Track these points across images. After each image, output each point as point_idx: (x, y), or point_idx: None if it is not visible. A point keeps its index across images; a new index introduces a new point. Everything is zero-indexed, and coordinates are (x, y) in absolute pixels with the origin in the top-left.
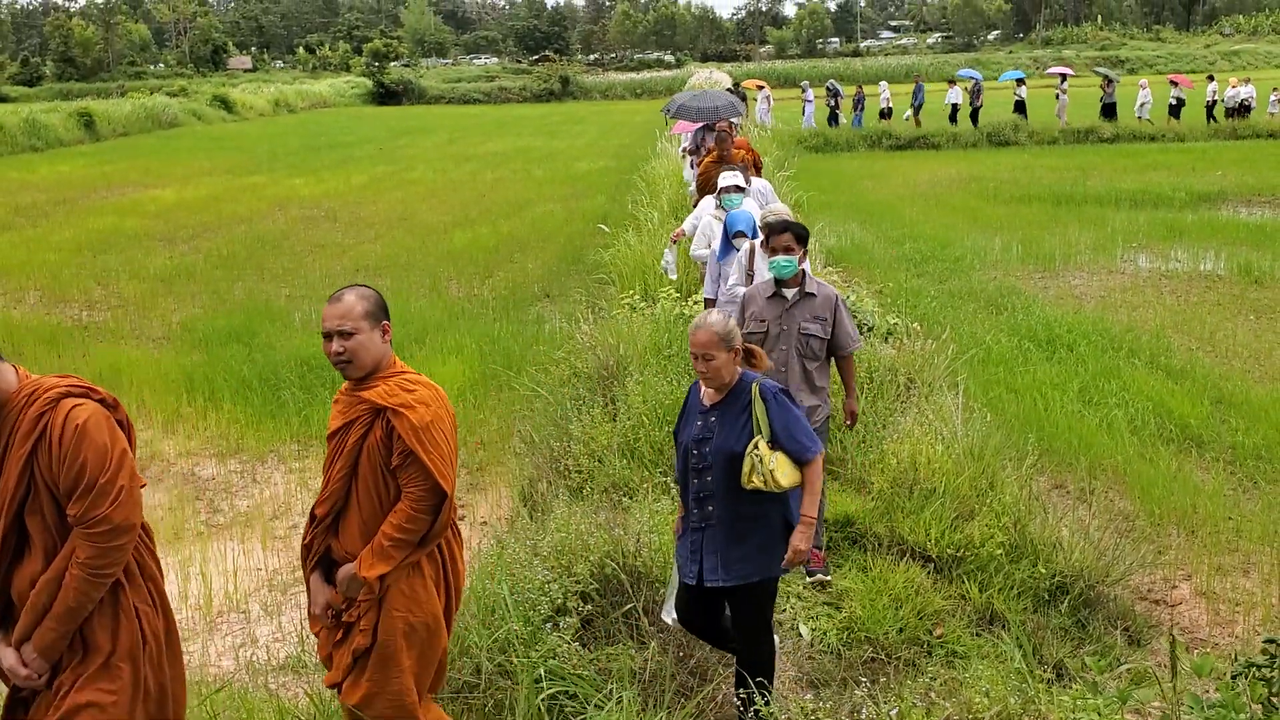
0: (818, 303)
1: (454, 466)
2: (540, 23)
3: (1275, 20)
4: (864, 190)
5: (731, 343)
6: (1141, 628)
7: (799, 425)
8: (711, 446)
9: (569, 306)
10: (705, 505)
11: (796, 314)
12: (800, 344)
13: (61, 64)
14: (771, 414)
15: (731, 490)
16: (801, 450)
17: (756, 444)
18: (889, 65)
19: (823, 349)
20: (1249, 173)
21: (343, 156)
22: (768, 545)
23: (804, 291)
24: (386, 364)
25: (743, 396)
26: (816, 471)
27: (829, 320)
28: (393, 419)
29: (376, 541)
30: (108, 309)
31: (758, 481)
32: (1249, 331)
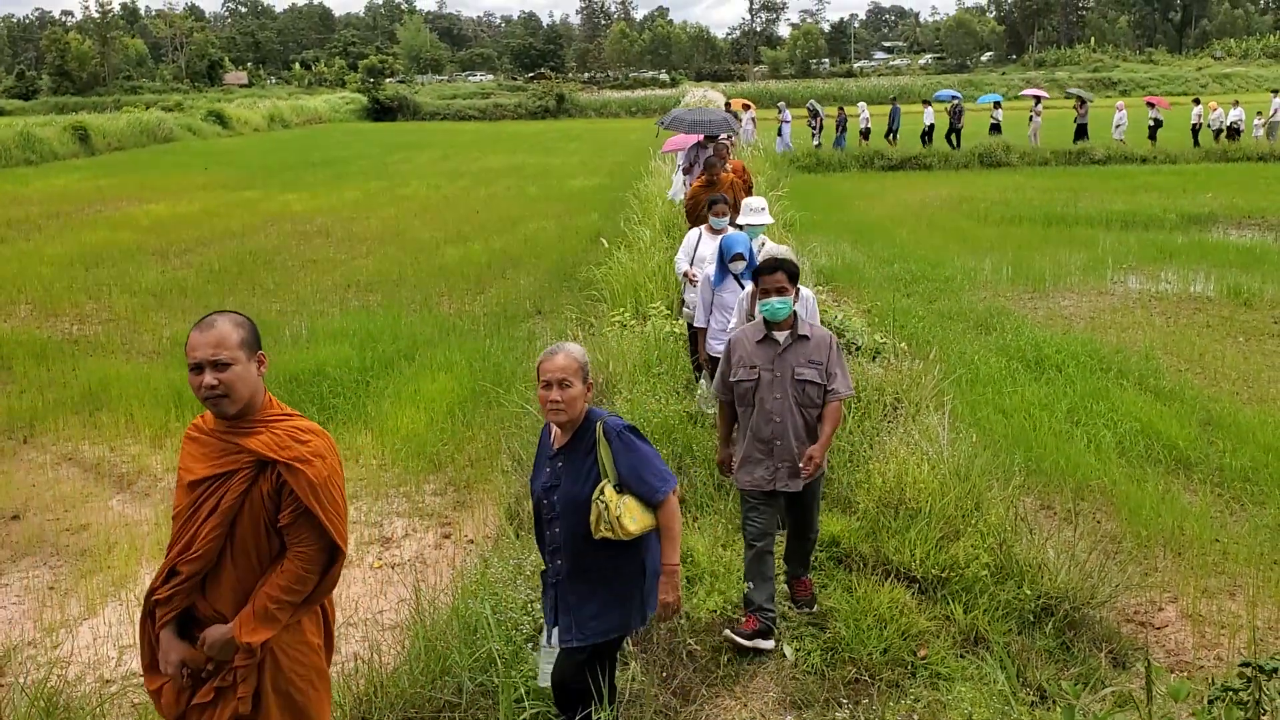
0: (812, 346)
1: (347, 520)
2: (536, 40)
3: (1266, 44)
4: (855, 210)
5: (588, 375)
6: (1126, 650)
7: (647, 464)
8: (559, 494)
9: (560, 323)
10: (555, 558)
11: (790, 359)
12: (797, 391)
13: (57, 78)
14: (616, 454)
15: (580, 541)
16: (650, 491)
17: (602, 489)
18: (882, 86)
19: (821, 396)
20: (1239, 195)
21: (336, 172)
22: (624, 598)
23: (797, 334)
24: (262, 402)
25: (588, 437)
26: (671, 512)
27: (824, 364)
28: (286, 474)
29: (259, 603)
30: (99, 323)
31: (605, 530)
32: (1238, 353)
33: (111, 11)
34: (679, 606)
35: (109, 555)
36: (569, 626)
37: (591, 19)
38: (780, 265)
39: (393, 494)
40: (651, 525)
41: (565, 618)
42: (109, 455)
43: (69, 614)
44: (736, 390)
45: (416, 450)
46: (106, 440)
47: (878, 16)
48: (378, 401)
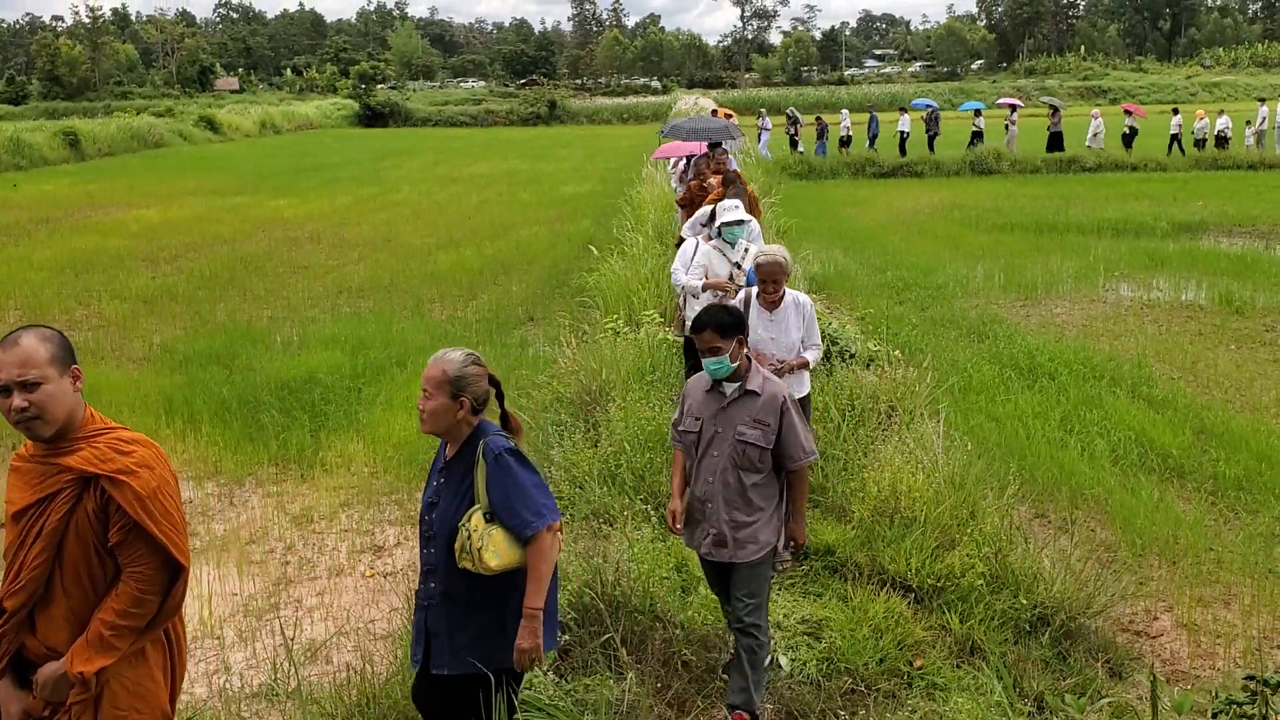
0: (760, 403)
1: (186, 535)
2: (528, 47)
3: (1255, 53)
4: (848, 217)
5: (461, 390)
6: (1122, 660)
7: (521, 494)
8: (437, 513)
9: (553, 330)
10: (429, 580)
11: (734, 415)
12: (736, 452)
13: (48, 83)
14: (489, 478)
15: (454, 569)
16: (520, 525)
17: (470, 515)
18: (873, 94)
19: (764, 460)
20: (1230, 203)
21: (328, 178)
22: (500, 631)
23: (745, 388)
24: (82, 418)
25: (471, 455)
26: (540, 551)
27: (772, 425)
28: (110, 489)
29: (93, 631)
30: (89, 329)
31: (465, 561)
32: (1230, 361)
33: (102, 17)
34: (538, 656)
35: None
36: (440, 652)
37: (583, 26)
38: (709, 322)
39: (385, 501)
40: (518, 563)
41: (437, 642)
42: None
43: None
44: (684, 440)
45: (408, 457)
46: None
47: (869, 24)
48: (369, 408)
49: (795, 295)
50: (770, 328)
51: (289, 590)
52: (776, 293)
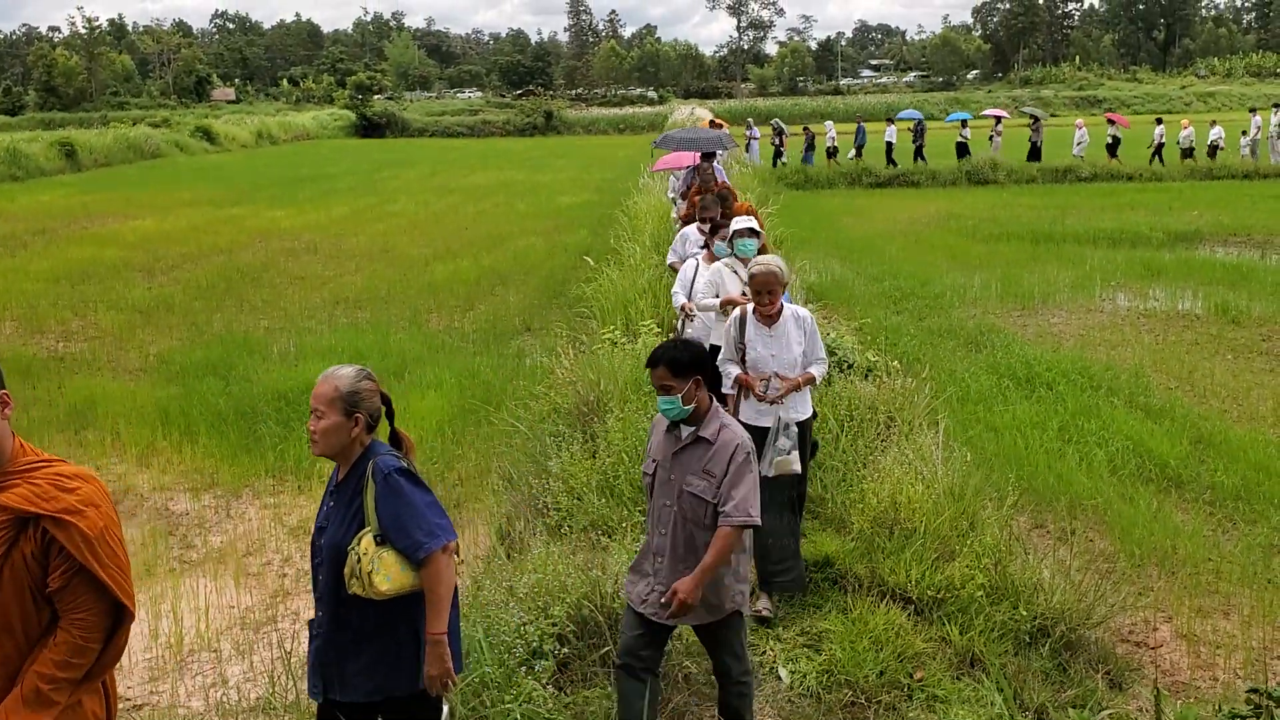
0: (711, 452)
1: (130, 578)
2: (524, 57)
3: (1249, 63)
4: (845, 227)
5: (355, 407)
6: (1123, 671)
7: (413, 514)
8: (325, 539)
9: (550, 340)
10: (319, 610)
11: (685, 461)
12: (684, 504)
13: (44, 93)
14: (379, 499)
15: (342, 595)
16: (413, 546)
17: (360, 538)
18: (869, 103)
19: (710, 516)
20: (1225, 212)
21: (325, 188)
22: (397, 658)
23: (698, 434)
24: (12, 450)
25: (360, 477)
26: (435, 574)
27: (719, 478)
28: (54, 530)
29: (28, 685)
30: (85, 340)
31: (355, 587)
32: (1227, 371)
33: (99, 28)
34: (447, 682)
35: None
36: (332, 682)
37: (580, 36)
38: (662, 357)
39: None
40: (411, 586)
41: (328, 671)
42: (94, 474)
43: None
44: (643, 483)
45: None
46: (92, 458)
47: (864, 35)
48: None
49: (794, 309)
50: (770, 344)
51: (286, 602)
52: (773, 305)
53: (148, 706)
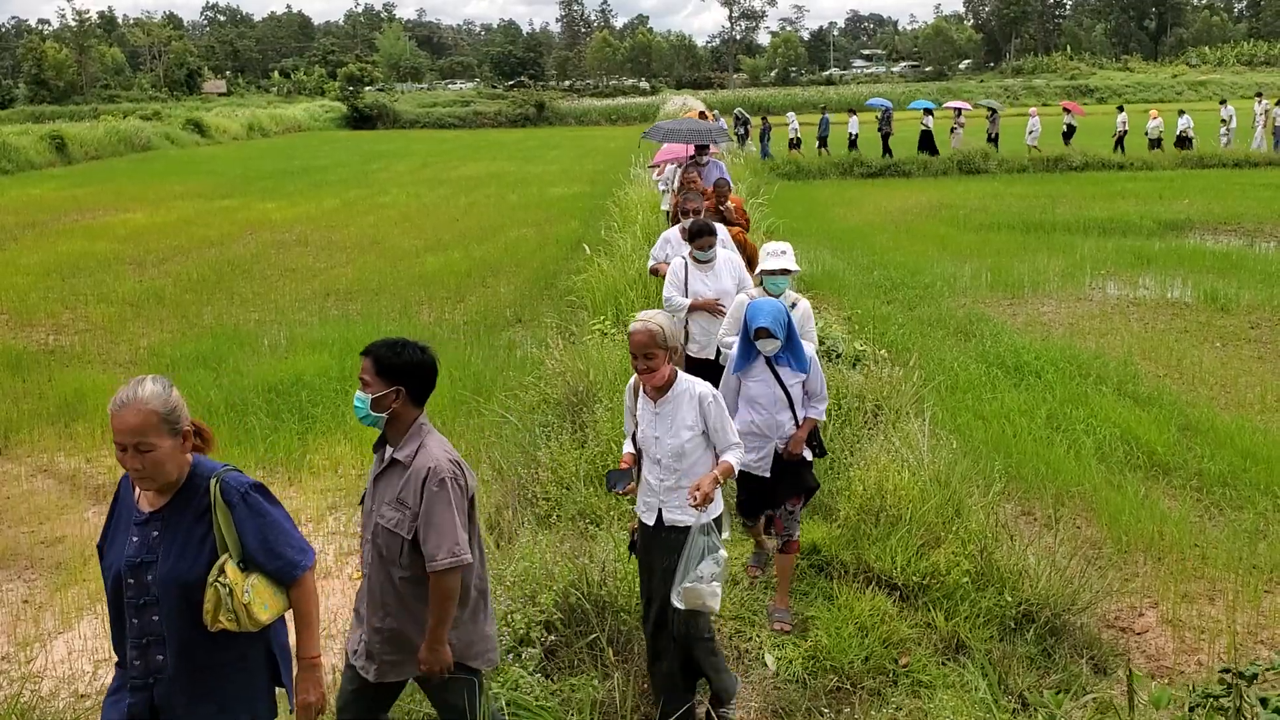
0: (406, 478)
1: None
2: (516, 48)
3: (1240, 51)
4: (835, 218)
5: (177, 424)
6: (1107, 656)
7: (281, 533)
8: (157, 574)
9: (540, 332)
10: (151, 654)
11: (381, 489)
12: (378, 539)
13: (34, 86)
14: (240, 521)
15: (191, 633)
16: (287, 567)
17: (223, 567)
18: (862, 93)
19: (404, 555)
20: (1215, 201)
21: (315, 180)
22: (251, 691)
23: (392, 456)
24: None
25: (197, 499)
26: (308, 593)
27: (414, 509)
28: None
29: None
30: (75, 333)
31: (226, 621)
32: (1215, 359)
33: (89, 20)
34: (323, 706)
35: (85, 568)
36: None
37: (571, 27)
38: (372, 350)
39: None
40: (285, 609)
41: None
42: (85, 467)
43: (44, 628)
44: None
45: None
46: (82, 451)
47: (856, 25)
48: None
49: (691, 384)
50: (654, 423)
51: None
52: (653, 375)
53: None
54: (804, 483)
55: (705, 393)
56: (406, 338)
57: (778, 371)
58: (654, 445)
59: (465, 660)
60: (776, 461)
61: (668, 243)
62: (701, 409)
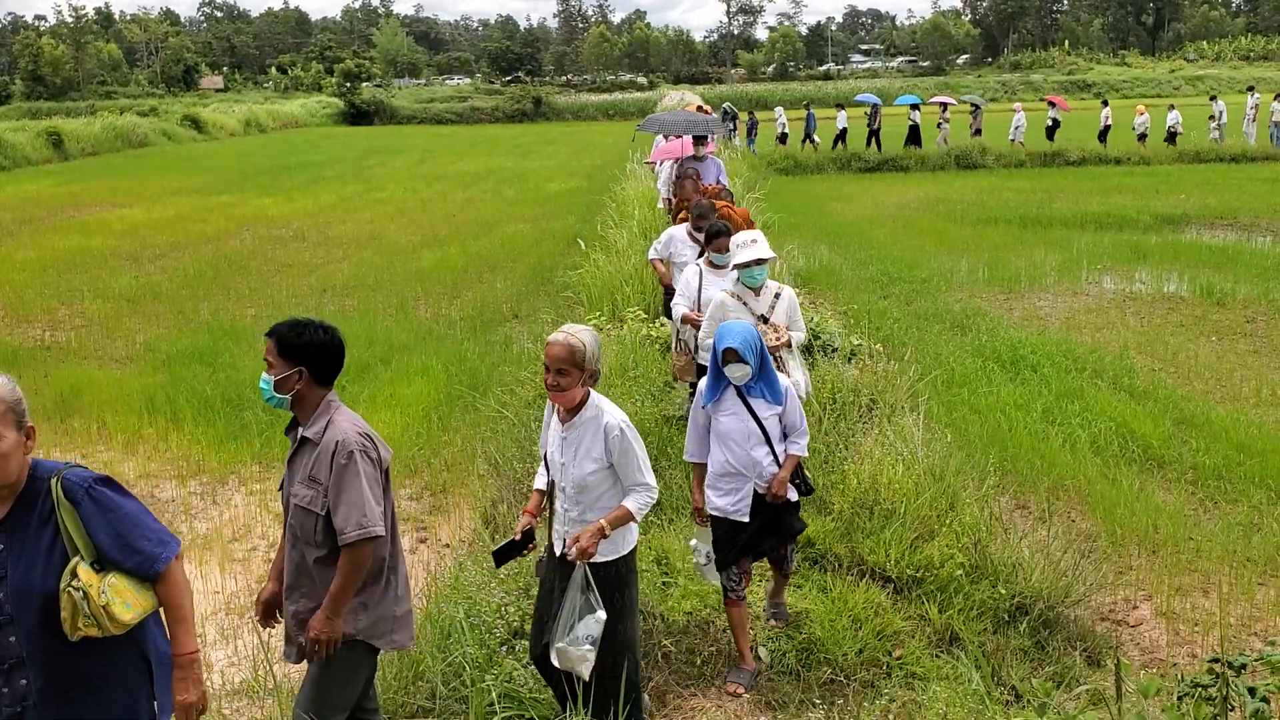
0: (316, 454)
1: None
2: (513, 44)
3: (1238, 46)
4: (832, 212)
5: (22, 416)
6: (1101, 648)
7: (135, 525)
8: (8, 589)
9: (537, 327)
10: (15, 680)
11: (295, 467)
12: (294, 518)
13: (31, 82)
14: (88, 519)
15: (54, 648)
16: (147, 562)
17: (74, 570)
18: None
19: (320, 531)
20: (1211, 196)
21: (312, 176)
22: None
23: (303, 434)
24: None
25: (40, 502)
26: (177, 586)
27: (324, 485)
28: None
29: None
30: (71, 329)
31: (87, 628)
32: (1211, 352)
33: (85, 16)
34: (205, 705)
35: None
36: None
37: (569, 22)
38: (275, 331)
39: None
40: (152, 607)
41: None
42: (81, 462)
43: None
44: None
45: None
46: (78, 447)
47: (854, 19)
48: (353, 406)
49: (601, 411)
50: (561, 448)
51: None
52: (561, 395)
53: None
54: (790, 528)
55: (614, 423)
56: (312, 318)
57: (750, 403)
58: (560, 472)
59: (370, 639)
60: (757, 504)
61: (672, 240)
62: (607, 442)
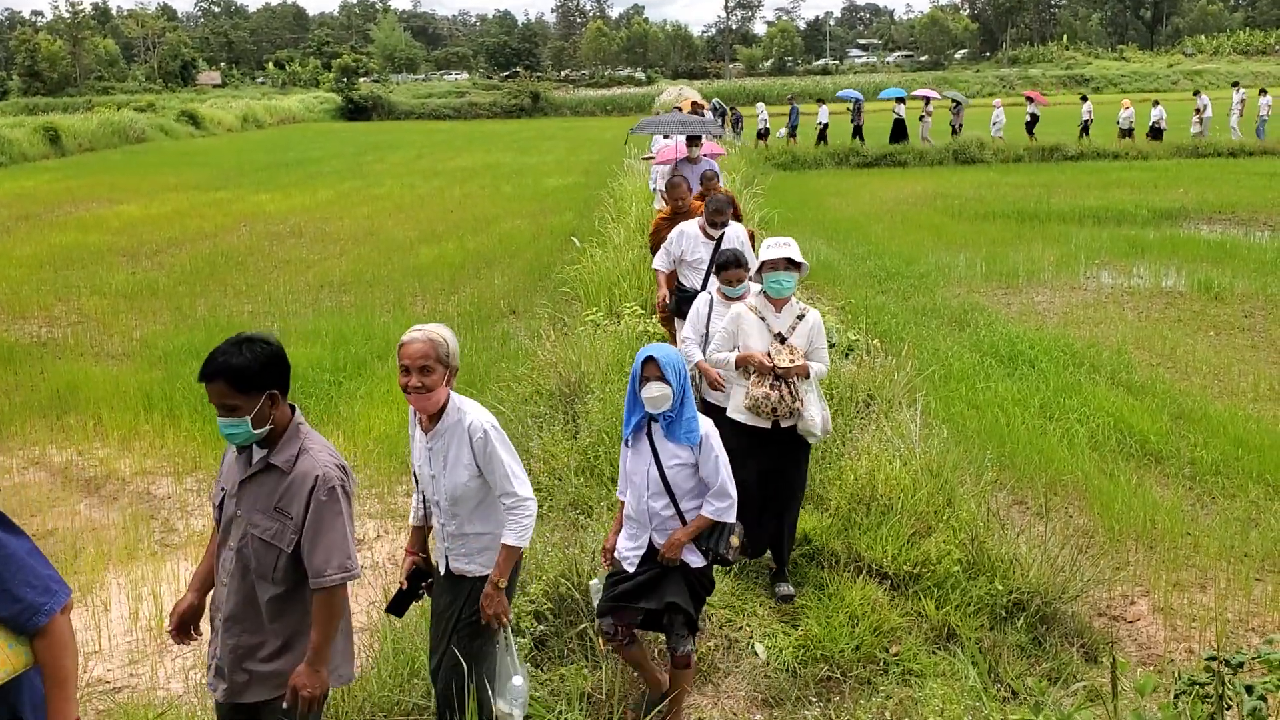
0: (287, 484)
1: None
2: (511, 39)
3: (1236, 41)
4: (831, 207)
5: None
6: (1098, 644)
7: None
8: None
9: (534, 323)
10: None
11: (253, 495)
12: (248, 551)
13: (28, 78)
14: None
15: None
16: (27, 611)
17: None
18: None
19: (280, 568)
20: (1209, 190)
21: (310, 172)
22: None
23: (269, 460)
24: None
25: None
26: (63, 643)
27: (296, 520)
28: None
29: None
30: (68, 325)
31: None
32: (1209, 347)
33: (82, 11)
34: None
35: (75, 560)
36: None
37: (567, 17)
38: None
39: (365, 495)
40: (25, 666)
41: None
42: (77, 459)
43: None
44: (214, 514)
45: (389, 451)
46: (74, 443)
47: (853, 14)
48: (350, 402)
49: (464, 412)
50: (429, 459)
51: None
52: (426, 396)
53: (127, 689)
54: (675, 598)
55: (478, 423)
56: (239, 336)
57: (655, 443)
58: (430, 485)
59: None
60: (650, 557)
61: (683, 237)
62: (472, 445)
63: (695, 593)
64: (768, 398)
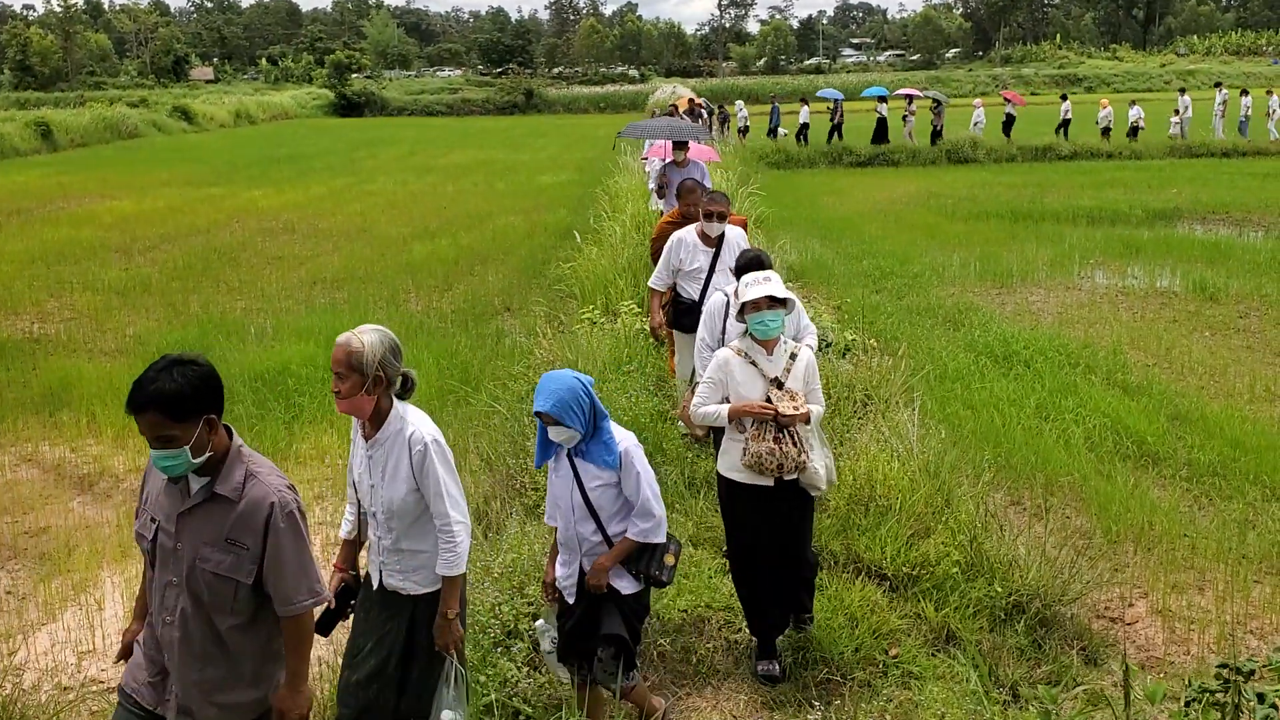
0: (236, 515)
1: None
2: (505, 36)
3: (1228, 41)
4: (824, 207)
5: None
6: (1098, 647)
7: None
8: None
9: (529, 320)
10: None
11: (197, 527)
12: (198, 585)
13: (19, 73)
14: None
15: None
16: None
17: None
18: (851, 81)
19: (241, 599)
20: (1204, 190)
21: (302, 168)
22: None
23: (213, 490)
24: None
25: None
26: None
27: (254, 550)
28: None
29: None
30: (60, 321)
31: None
32: (1204, 348)
33: (74, 6)
34: None
35: (69, 558)
36: None
37: (560, 14)
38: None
39: None
40: None
41: None
42: (69, 456)
43: (27, 619)
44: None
45: None
46: (67, 441)
47: (846, 13)
48: None
49: (405, 423)
50: (368, 468)
51: None
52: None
53: None
54: (608, 625)
55: (418, 435)
56: (166, 359)
57: (576, 466)
58: (369, 495)
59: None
60: (583, 588)
61: (682, 246)
62: (411, 457)
63: (629, 622)
64: (772, 453)
